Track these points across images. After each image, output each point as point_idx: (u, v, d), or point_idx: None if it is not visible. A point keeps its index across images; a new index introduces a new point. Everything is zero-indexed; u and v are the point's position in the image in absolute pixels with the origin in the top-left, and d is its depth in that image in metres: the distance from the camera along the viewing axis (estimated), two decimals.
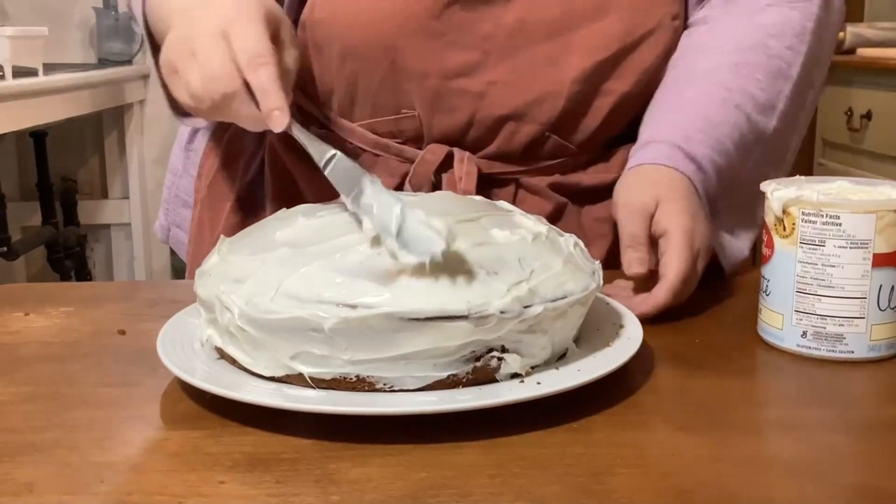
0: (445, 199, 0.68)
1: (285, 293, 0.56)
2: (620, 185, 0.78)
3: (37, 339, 0.72)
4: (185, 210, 1.02)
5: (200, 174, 0.99)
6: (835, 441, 0.55)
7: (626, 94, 0.87)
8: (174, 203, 1.03)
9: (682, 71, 0.85)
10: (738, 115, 0.81)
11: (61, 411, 0.58)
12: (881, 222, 0.64)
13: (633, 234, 0.72)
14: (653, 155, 0.79)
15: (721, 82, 0.82)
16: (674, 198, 0.74)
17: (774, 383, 0.66)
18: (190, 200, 1.01)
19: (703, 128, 0.80)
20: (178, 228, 1.03)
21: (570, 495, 0.48)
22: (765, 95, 0.82)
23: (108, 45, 2.99)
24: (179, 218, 1.03)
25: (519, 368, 0.57)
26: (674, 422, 0.57)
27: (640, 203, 0.74)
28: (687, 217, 0.73)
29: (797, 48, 0.84)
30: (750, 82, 0.82)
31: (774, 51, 0.84)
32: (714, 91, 0.82)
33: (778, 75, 0.83)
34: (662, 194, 0.74)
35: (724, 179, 0.80)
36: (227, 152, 0.97)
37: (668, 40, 0.87)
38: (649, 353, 0.66)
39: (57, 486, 0.49)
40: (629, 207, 0.74)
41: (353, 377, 0.56)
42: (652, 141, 0.81)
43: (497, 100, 0.84)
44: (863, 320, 0.65)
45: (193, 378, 0.57)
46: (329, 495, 0.48)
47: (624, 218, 0.74)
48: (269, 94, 0.67)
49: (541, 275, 0.58)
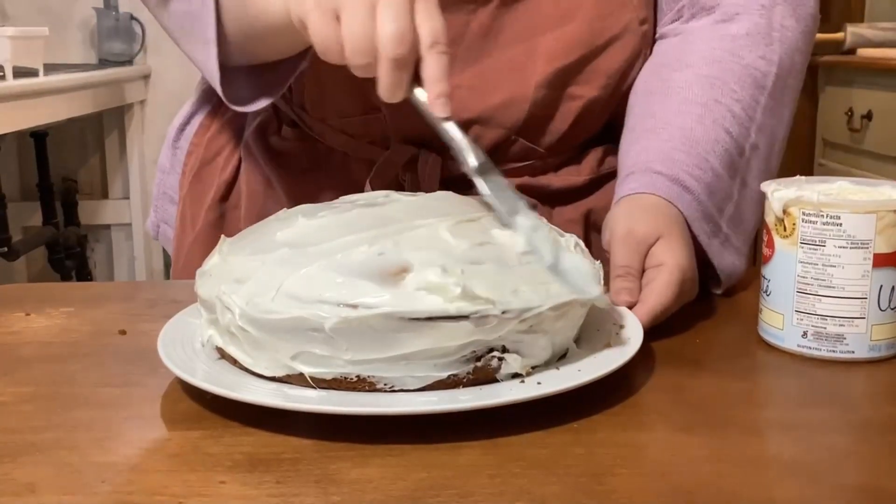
0: (446, 199, 0.68)
1: (286, 293, 0.56)
2: (614, 215, 0.77)
3: (37, 339, 0.72)
4: (172, 207, 1.03)
5: (184, 171, 1.00)
6: (835, 441, 0.55)
7: (593, 98, 0.87)
8: (162, 200, 1.05)
9: (656, 87, 0.85)
10: (717, 130, 0.80)
11: (62, 411, 0.58)
12: (881, 223, 0.64)
13: (627, 265, 0.72)
14: (640, 185, 0.79)
15: (696, 98, 0.82)
16: (673, 233, 0.74)
17: (775, 383, 0.66)
18: (176, 197, 1.02)
19: (683, 147, 0.79)
20: (167, 225, 1.04)
21: (570, 495, 0.48)
22: (740, 107, 0.82)
23: (108, 45, 3.00)
24: (167, 215, 1.04)
25: (519, 368, 0.57)
26: (674, 422, 0.57)
27: (641, 235, 0.73)
28: (684, 254, 0.72)
29: (769, 57, 0.84)
30: (725, 94, 0.82)
31: (747, 60, 0.83)
32: (690, 108, 0.81)
33: (753, 85, 0.83)
34: (663, 228, 0.74)
35: (714, 194, 0.79)
36: (207, 150, 0.98)
37: (635, 44, 0.87)
38: (650, 353, 0.66)
39: (57, 487, 0.49)
40: (628, 239, 0.73)
41: (353, 377, 0.56)
42: (635, 171, 0.80)
43: (462, 103, 0.84)
44: (863, 320, 0.65)
45: (194, 378, 0.57)
46: (329, 495, 0.48)
47: (620, 248, 0.73)
48: (440, 83, 0.65)
49: (542, 275, 0.58)
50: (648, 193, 0.78)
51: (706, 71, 0.83)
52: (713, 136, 0.80)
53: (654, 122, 0.83)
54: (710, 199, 0.78)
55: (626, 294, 0.70)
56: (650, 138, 0.82)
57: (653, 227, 0.74)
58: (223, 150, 0.98)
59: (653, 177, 0.78)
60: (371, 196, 0.69)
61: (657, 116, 0.83)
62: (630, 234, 0.73)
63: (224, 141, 0.98)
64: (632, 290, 0.70)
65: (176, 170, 1.02)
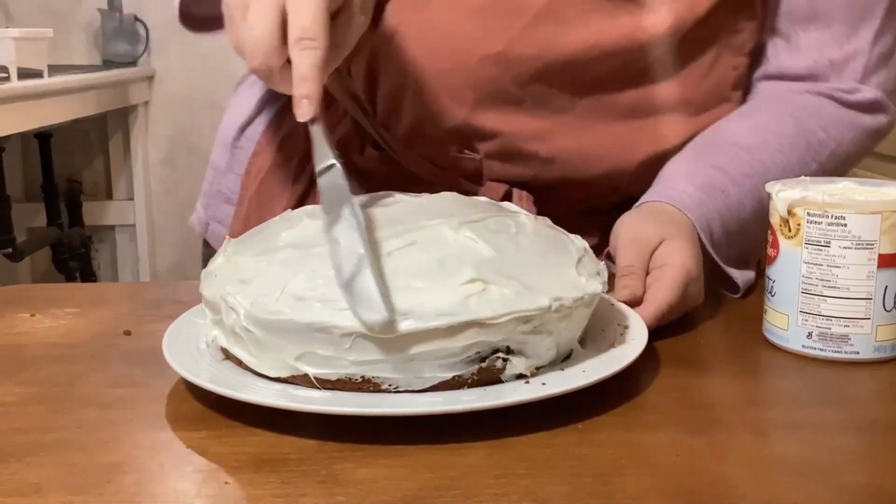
0: (450, 199, 0.68)
1: (291, 294, 0.56)
2: (622, 220, 0.77)
3: (43, 340, 0.72)
4: (227, 206, 1.01)
5: (249, 171, 0.98)
6: (840, 441, 0.55)
7: None
8: (215, 199, 1.03)
9: (709, 134, 0.86)
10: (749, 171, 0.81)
11: (67, 412, 0.59)
12: (886, 223, 0.64)
13: (630, 264, 0.72)
14: (653, 195, 0.80)
15: (739, 142, 0.83)
16: (678, 235, 0.74)
17: (780, 384, 0.66)
18: (233, 197, 1.00)
19: (712, 172, 0.81)
20: (219, 224, 1.02)
21: (575, 496, 0.48)
22: (784, 160, 0.82)
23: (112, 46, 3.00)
24: (220, 213, 1.02)
25: (524, 369, 0.57)
26: (679, 422, 0.57)
27: (645, 237, 0.73)
28: (689, 255, 0.72)
29: (835, 135, 0.85)
30: (771, 143, 0.83)
31: (807, 125, 0.84)
32: (732, 150, 0.83)
33: (806, 148, 0.84)
34: (668, 232, 0.74)
35: (725, 211, 0.79)
36: (279, 154, 0.96)
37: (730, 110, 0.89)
38: (654, 353, 0.66)
39: (63, 487, 0.49)
40: (633, 242, 0.73)
41: (358, 378, 0.56)
42: (658, 183, 0.82)
43: (565, 165, 0.85)
44: (868, 321, 0.65)
45: (199, 379, 0.57)
46: (334, 496, 0.48)
47: (624, 250, 0.73)
48: (306, 82, 0.62)
49: (546, 276, 0.58)
50: (658, 201, 0.79)
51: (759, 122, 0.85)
52: (745, 170, 0.81)
53: (685, 156, 0.84)
54: (719, 213, 0.79)
55: (627, 291, 0.70)
56: (679, 164, 0.83)
57: (658, 230, 0.74)
58: (296, 156, 0.95)
59: (665, 186, 0.80)
60: (375, 196, 0.69)
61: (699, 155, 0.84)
62: (635, 237, 0.74)
63: (297, 147, 0.95)
64: (634, 287, 0.70)
65: (234, 170, 1.00)
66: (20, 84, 2.18)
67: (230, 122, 1.02)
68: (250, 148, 0.99)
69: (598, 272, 0.63)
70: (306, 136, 0.92)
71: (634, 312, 0.68)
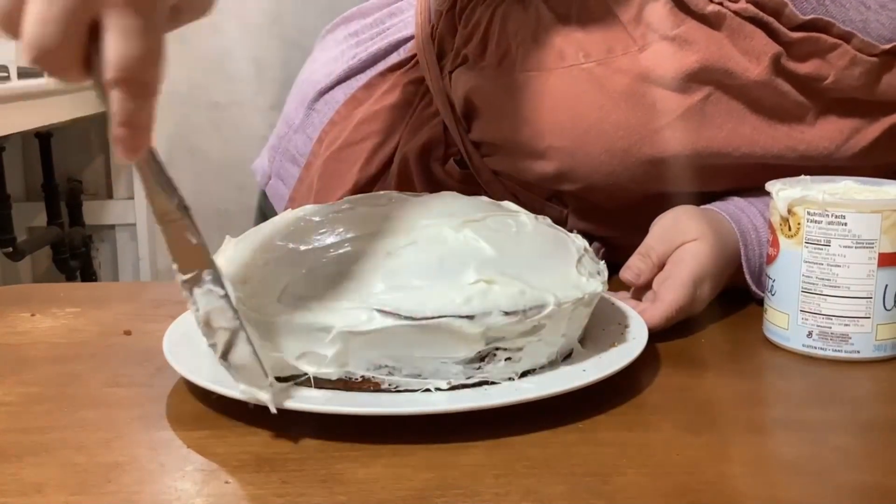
0: (450, 199, 0.68)
1: (290, 294, 0.56)
2: (678, 209, 0.76)
3: (43, 339, 0.72)
4: (292, 166, 0.98)
5: (321, 138, 0.94)
6: (841, 441, 0.55)
7: None
8: (282, 156, 0.99)
9: None
10: None
11: (68, 412, 0.59)
12: (886, 222, 0.64)
13: (651, 245, 0.71)
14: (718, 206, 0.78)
15: None
16: (713, 240, 0.73)
17: (780, 383, 0.66)
18: (300, 158, 0.96)
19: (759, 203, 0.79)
20: (280, 181, 0.99)
21: (576, 495, 0.48)
22: None
23: None
24: (285, 172, 0.99)
25: (524, 369, 0.57)
26: (679, 422, 0.57)
27: (680, 228, 0.73)
28: (711, 260, 0.71)
29: None
30: None
31: None
32: None
33: None
34: (705, 233, 0.72)
35: None
36: (356, 131, 0.91)
37: None
38: (655, 353, 0.66)
39: (64, 487, 0.49)
40: (668, 227, 0.73)
41: (358, 377, 0.56)
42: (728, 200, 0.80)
43: None
44: (868, 320, 0.65)
45: (199, 378, 0.57)
46: (335, 495, 0.48)
47: (654, 229, 0.73)
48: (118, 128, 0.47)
49: (546, 275, 0.58)
50: (713, 209, 0.77)
51: None
52: None
53: None
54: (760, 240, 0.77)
55: (630, 272, 0.70)
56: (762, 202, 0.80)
57: (698, 228, 0.73)
58: (371, 137, 0.90)
59: (733, 203, 0.78)
60: (375, 196, 0.69)
61: None
62: (672, 222, 0.73)
63: (376, 129, 0.90)
64: (639, 270, 0.70)
65: (306, 132, 0.96)
66: (20, 84, 2.18)
67: (311, 77, 0.98)
68: (328, 114, 0.94)
69: (599, 271, 0.63)
70: (386, 125, 0.87)
71: (635, 312, 0.68)
